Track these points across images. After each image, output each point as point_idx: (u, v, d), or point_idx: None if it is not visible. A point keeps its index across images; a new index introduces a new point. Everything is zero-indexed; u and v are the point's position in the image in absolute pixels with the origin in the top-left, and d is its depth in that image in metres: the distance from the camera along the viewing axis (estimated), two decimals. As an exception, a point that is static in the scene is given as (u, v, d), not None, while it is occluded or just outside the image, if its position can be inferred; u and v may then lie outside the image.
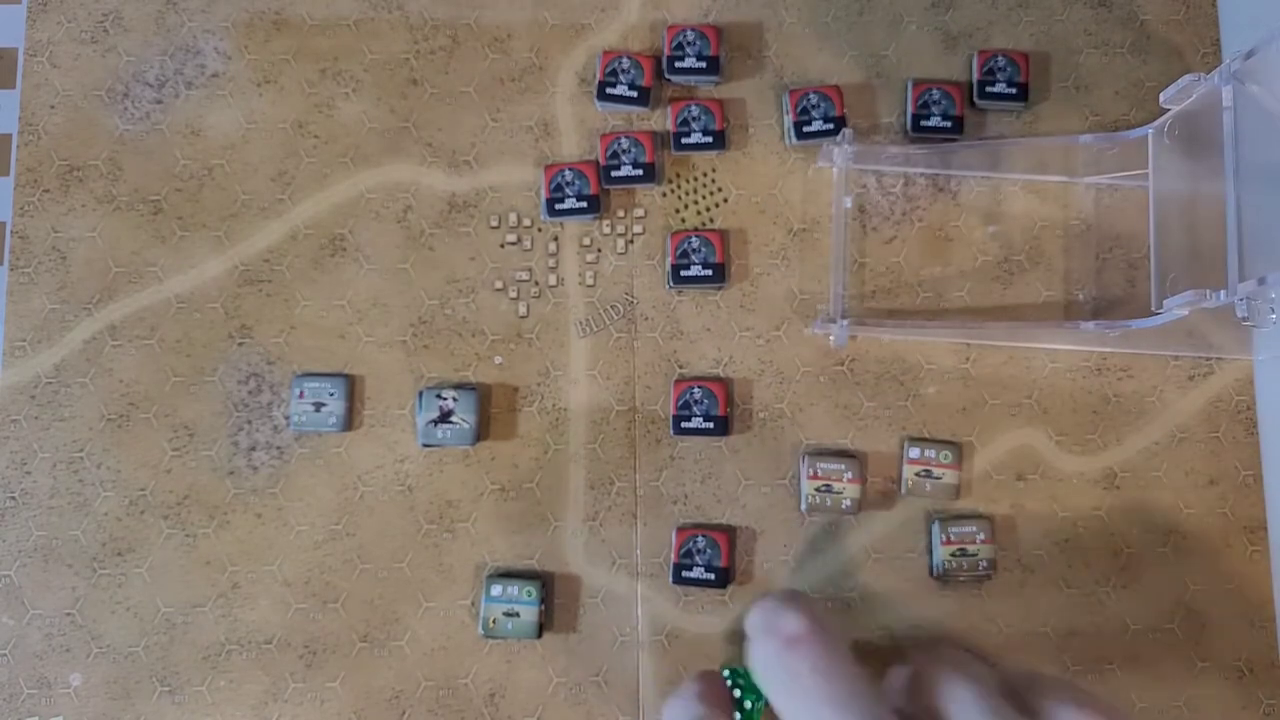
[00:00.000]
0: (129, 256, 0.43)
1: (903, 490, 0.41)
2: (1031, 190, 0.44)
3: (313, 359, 0.42)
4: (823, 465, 0.41)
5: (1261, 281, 0.33)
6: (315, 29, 0.44)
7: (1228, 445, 0.42)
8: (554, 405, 0.42)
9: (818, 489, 0.41)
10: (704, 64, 0.43)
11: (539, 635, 0.40)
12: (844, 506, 0.41)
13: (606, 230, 0.43)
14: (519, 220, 0.43)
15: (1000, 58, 0.43)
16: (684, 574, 0.40)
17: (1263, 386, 0.42)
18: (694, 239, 0.42)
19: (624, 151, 0.43)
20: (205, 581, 0.41)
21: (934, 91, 0.43)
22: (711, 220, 0.43)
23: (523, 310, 0.43)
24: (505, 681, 0.40)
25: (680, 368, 0.42)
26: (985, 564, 0.40)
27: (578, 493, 0.42)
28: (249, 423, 0.42)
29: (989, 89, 0.43)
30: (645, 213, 0.43)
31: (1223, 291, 0.34)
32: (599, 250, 0.43)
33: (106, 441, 0.42)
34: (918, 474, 0.41)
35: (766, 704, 0.39)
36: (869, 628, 0.41)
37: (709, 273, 0.42)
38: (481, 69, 0.44)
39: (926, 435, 0.42)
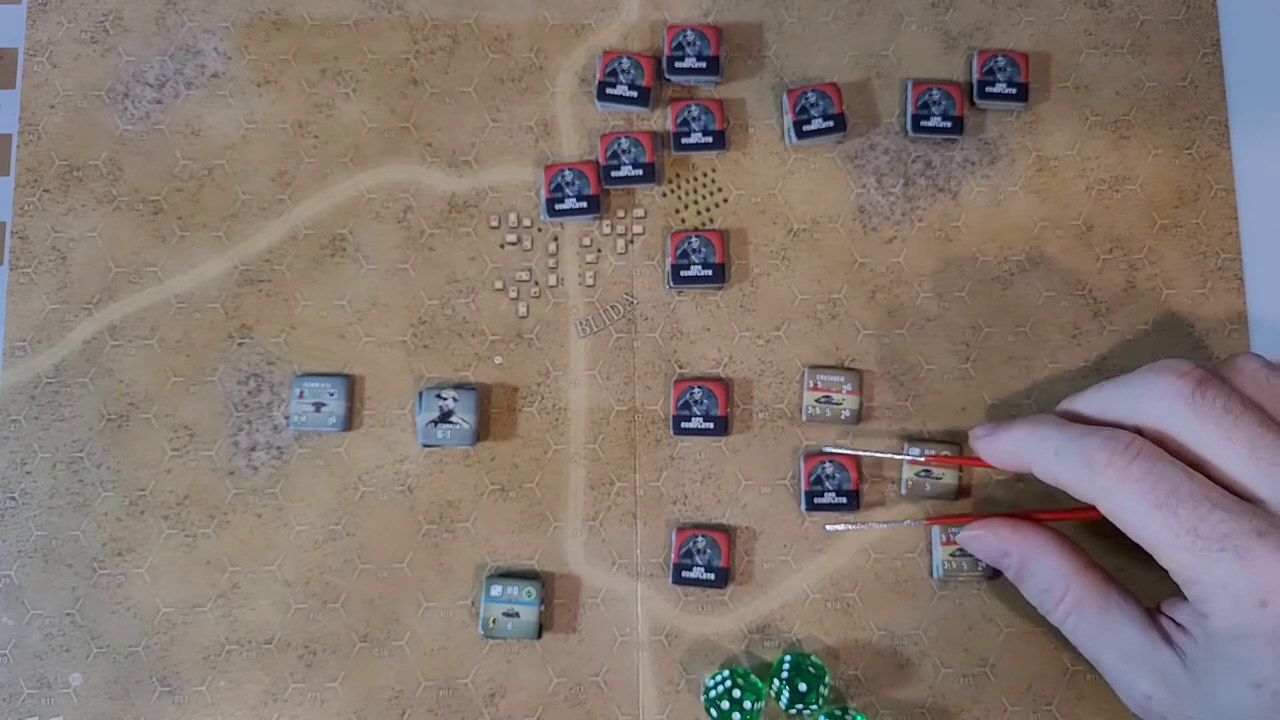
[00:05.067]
0: (129, 256, 0.43)
1: (903, 490, 0.41)
2: (1032, 190, 0.44)
3: (313, 359, 0.42)
4: (822, 378, 0.41)
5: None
6: (315, 29, 0.44)
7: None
8: (554, 405, 0.42)
9: (818, 400, 0.41)
10: (704, 64, 0.43)
11: (539, 635, 0.40)
12: (843, 417, 0.41)
13: (606, 230, 0.43)
14: (519, 220, 0.43)
15: (1000, 58, 0.43)
16: (684, 574, 0.40)
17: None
18: (694, 239, 0.42)
19: (624, 151, 0.43)
20: (205, 581, 0.41)
21: (934, 91, 0.43)
22: (711, 220, 0.43)
23: (523, 310, 0.43)
24: (505, 681, 0.40)
25: (680, 368, 0.43)
26: (985, 564, 0.40)
27: (578, 493, 0.42)
28: (249, 423, 0.42)
29: (989, 89, 0.43)
30: (645, 213, 0.43)
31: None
32: (599, 250, 0.43)
33: (106, 441, 0.42)
34: (918, 474, 0.41)
35: (766, 704, 0.40)
36: (869, 628, 0.41)
37: (709, 273, 0.42)
38: (481, 69, 0.44)
39: (926, 435, 0.42)
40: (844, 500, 0.41)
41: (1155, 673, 0.34)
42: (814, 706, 0.39)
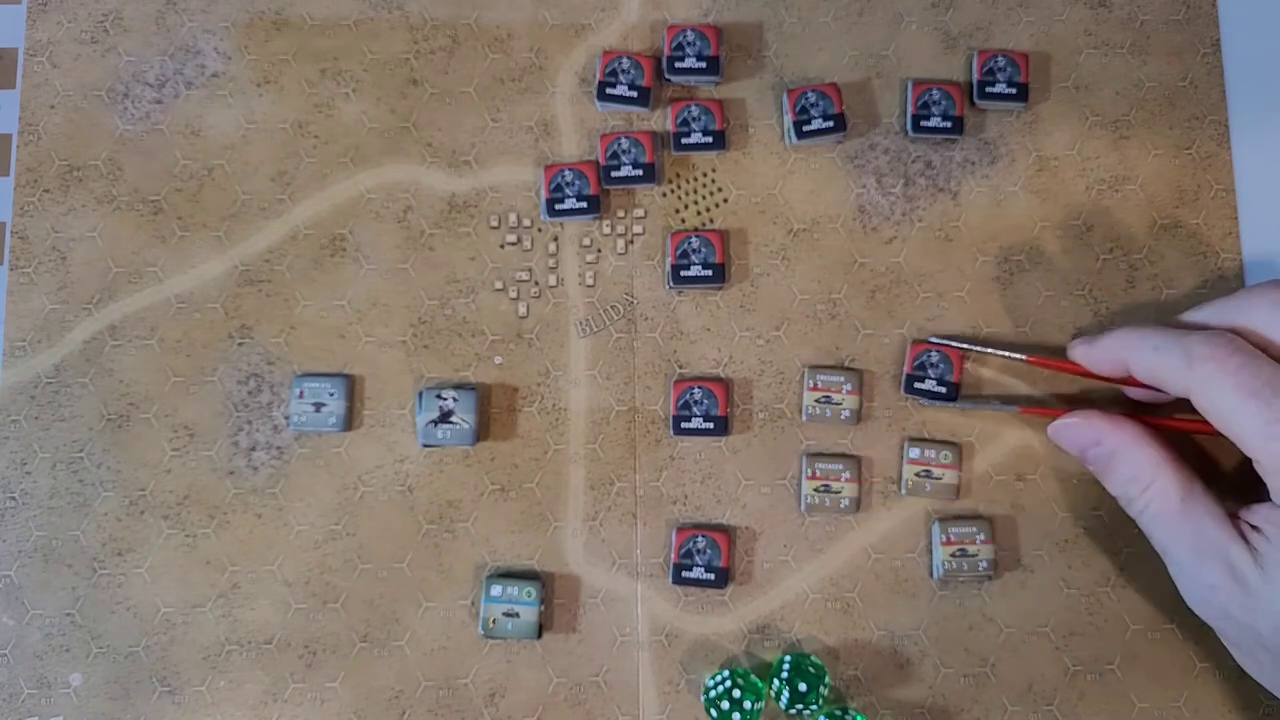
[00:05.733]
0: (129, 256, 0.43)
1: (903, 490, 0.41)
2: (1032, 190, 0.44)
3: (313, 359, 0.42)
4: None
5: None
6: (315, 29, 0.44)
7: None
8: (554, 405, 0.42)
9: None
10: (704, 64, 0.43)
11: (539, 635, 0.40)
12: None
13: (606, 230, 0.43)
14: (519, 220, 0.43)
15: (1000, 58, 0.43)
16: (684, 574, 0.40)
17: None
18: (694, 239, 0.42)
19: (624, 151, 0.43)
20: (205, 581, 0.41)
21: (934, 91, 0.43)
22: (711, 220, 0.43)
23: (523, 310, 0.43)
24: (505, 681, 0.40)
25: (680, 368, 0.42)
26: (985, 564, 0.40)
27: (578, 493, 0.42)
28: (249, 423, 0.42)
29: (989, 89, 0.43)
30: (645, 213, 0.43)
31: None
32: (599, 250, 0.43)
33: (106, 441, 0.42)
34: (918, 474, 0.41)
35: (766, 704, 0.40)
36: (869, 628, 0.41)
37: (709, 273, 0.42)
38: (481, 69, 0.44)
39: (926, 435, 0.42)
40: (944, 390, 0.41)
41: (1225, 565, 0.35)
42: (814, 706, 0.39)
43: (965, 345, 0.41)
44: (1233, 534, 0.35)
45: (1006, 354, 0.41)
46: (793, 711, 0.39)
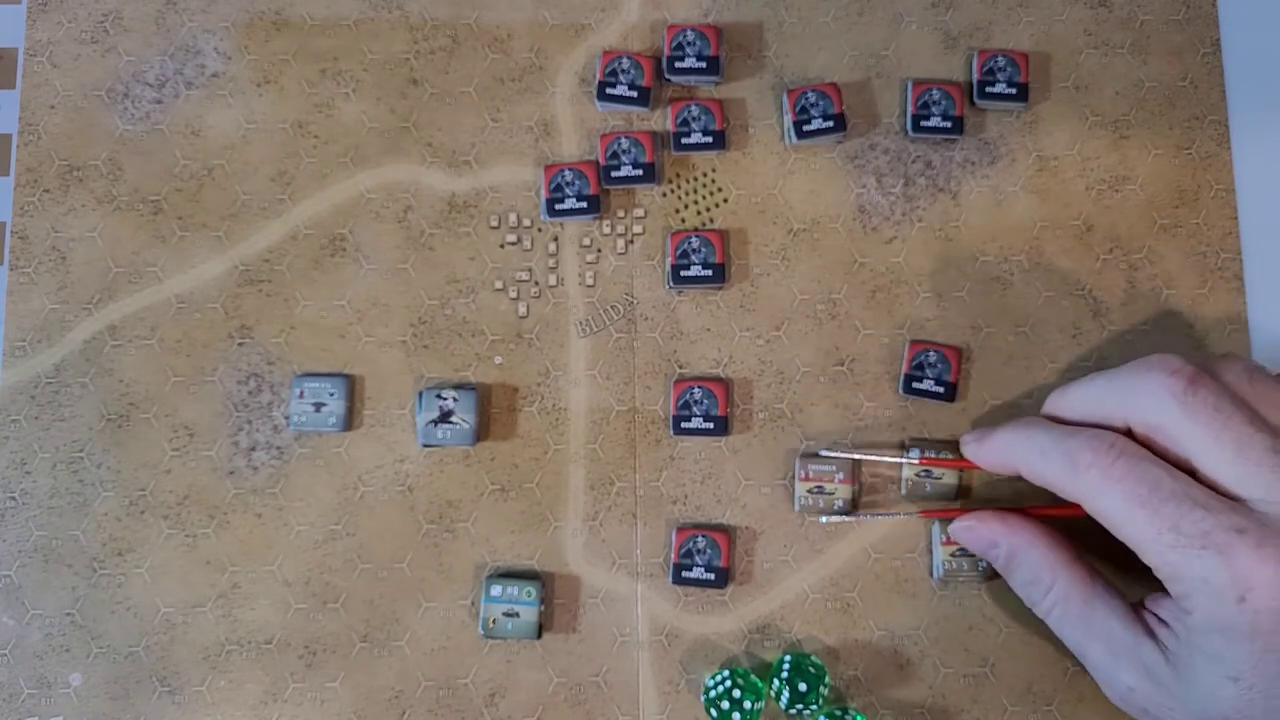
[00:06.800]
0: (129, 256, 0.43)
1: (903, 490, 0.41)
2: (1032, 190, 0.44)
3: (313, 359, 0.42)
4: (814, 467, 0.41)
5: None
6: (315, 29, 0.44)
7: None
8: (554, 405, 0.42)
9: (810, 490, 0.41)
10: (704, 64, 0.43)
11: (539, 635, 0.40)
12: (836, 507, 0.41)
13: (606, 230, 0.43)
14: (519, 220, 0.43)
15: (1000, 58, 0.43)
16: (684, 574, 0.40)
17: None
18: (694, 239, 0.42)
19: (624, 151, 0.43)
20: (205, 581, 0.41)
21: (934, 91, 0.43)
22: (711, 220, 0.43)
23: (523, 310, 0.43)
24: (505, 681, 0.40)
25: (680, 368, 0.42)
26: (985, 564, 0.40)
27: (578, 493, 0.42)
28: (249, 423, 0.42)
29: (989, 89, 0.43)
30: (645, 213, 0.43)
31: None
32: (599, 250, 0.43)
33: (106, 441, 0.42)
34: (918, 474, 0.41)
35: (766, 704, 0.40)
36: (869, 628, 0.41)
37: (709, 273, 0.42)
38: (481, 69, 0.44)
39: (926, 435, 0.42)
40: (941, 389, 0.41)
41: (1138, 665, 0.34)
42: (814, 706, 0.39)
43: (857, 455, 0.41)
44: (1140, 633, 0.34)
45: (899, 459, 0.41)
46: (793, 711, 0.39)
